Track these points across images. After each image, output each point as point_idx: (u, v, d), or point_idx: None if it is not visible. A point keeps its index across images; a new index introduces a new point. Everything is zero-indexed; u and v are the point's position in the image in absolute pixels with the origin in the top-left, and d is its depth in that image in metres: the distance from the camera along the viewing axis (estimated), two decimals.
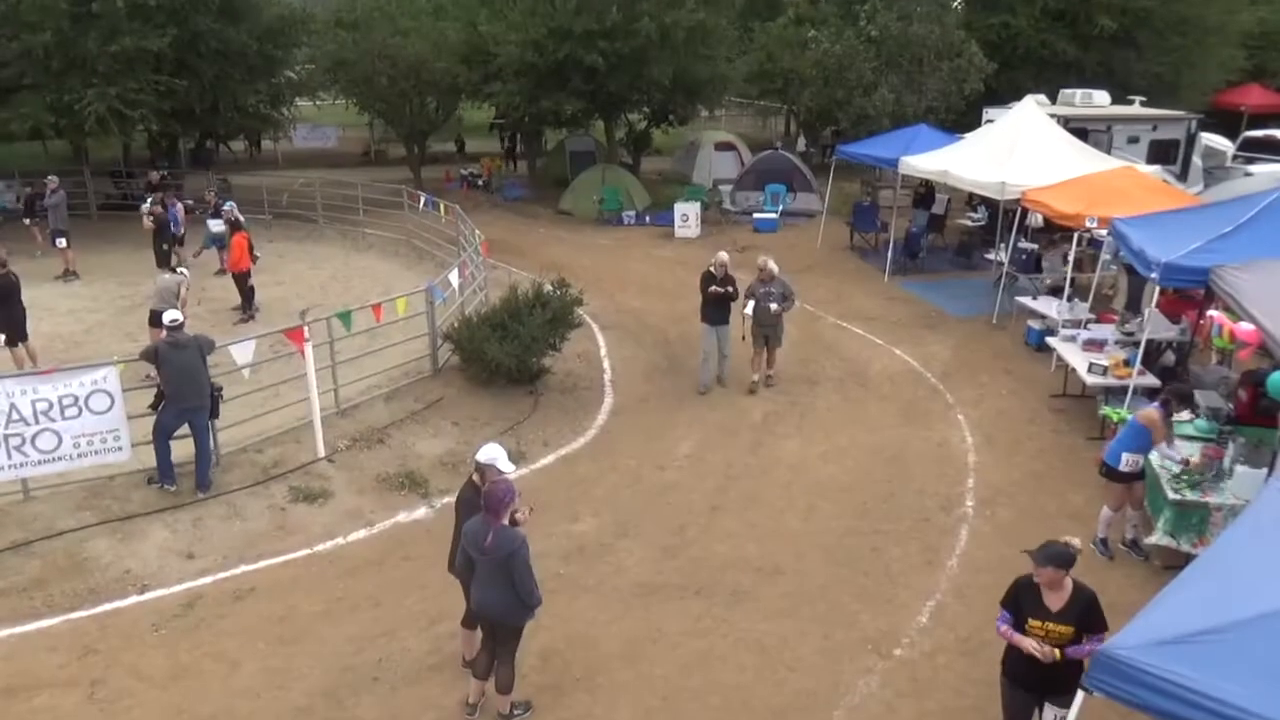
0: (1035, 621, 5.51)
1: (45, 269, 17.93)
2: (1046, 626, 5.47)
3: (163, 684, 7.21)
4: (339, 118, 35.41)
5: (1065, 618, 5.45)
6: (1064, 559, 5.43)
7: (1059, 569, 5.43)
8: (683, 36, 22.95)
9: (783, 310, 12.60)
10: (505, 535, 6.04)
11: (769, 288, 12.52)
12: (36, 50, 19.09)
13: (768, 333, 12.74)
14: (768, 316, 12.52)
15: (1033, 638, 5.48)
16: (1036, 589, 5.54)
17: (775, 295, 12.52)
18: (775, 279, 12.60)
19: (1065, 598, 5.49)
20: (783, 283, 12.67)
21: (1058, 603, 5.49)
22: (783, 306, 12.56)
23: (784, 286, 12.65)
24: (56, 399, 8.99)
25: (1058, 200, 13.69)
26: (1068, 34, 27.78)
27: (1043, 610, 5.51)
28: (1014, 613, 5.64)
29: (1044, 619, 5.49)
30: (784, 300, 12.57)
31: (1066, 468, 10.55)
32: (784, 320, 12.92)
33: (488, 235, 16.90)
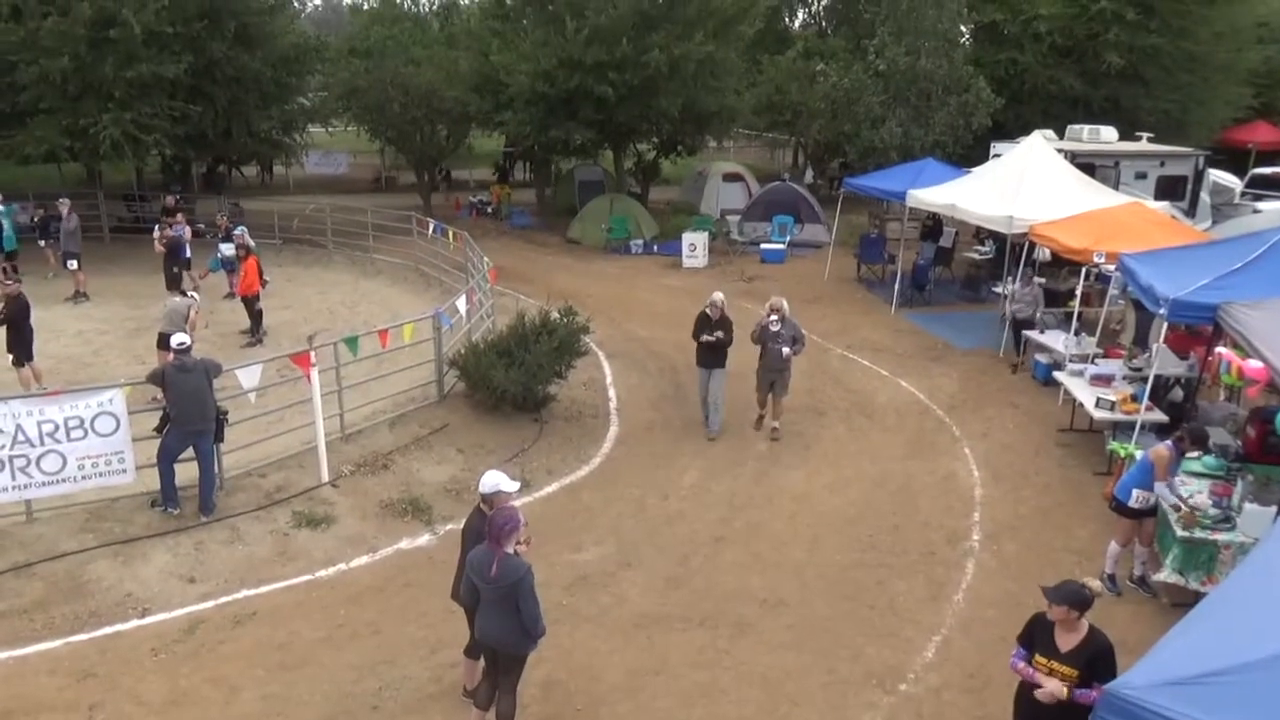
0: (1041, 659, 5.46)
1: (57, 290, 18.04)
2: (1051, 665, 5.40)
3: (161, 709, 7.15)
4: (350, 144, 35.74)
5: (1073, 660, 5.37)
6: (1078, 599, 5.38)
7: (1072, 609, 5.37)
8: (692, 69, 23.15)
9: (794, 354, 12.05)
10: (510, 564, 6.01)
11: (780, 329, 11.92)
12: (54, 75, 19.31)
13: (774, 378, 12.09)
14: (778, 360, 11.94)
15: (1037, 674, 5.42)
16: (1051, 627, 5.48)
17: (785, 338, 11.92)
18: (786, 320, 11.99)
19: (1078, 640, 5.42)
20: (794, 324, 12.12)
21: (1068, 644, 5.42)
22: (794, 350, 11.99)
23: (794, 328, 12.08)
24: (62, 421, 9.00)
25: (1066, 235, 13.71)
26: (1075, 70, 27.97)
27: (1052, 649, 5.44)
28: (1028, 648, 5.57)
29: (1050, 657, 5.42)
30: (794, 343, 11.97)
31: (1073, 502, 10.48)
32: (792, 365, 12.27)
33: (496, 262, 16.97)
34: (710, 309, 12.08)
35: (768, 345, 11.95)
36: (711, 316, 12.02)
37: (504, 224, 27.73)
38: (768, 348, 11.96)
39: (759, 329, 12.03)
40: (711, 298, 12.18)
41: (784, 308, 11.97)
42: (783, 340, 11.86)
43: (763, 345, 12.00)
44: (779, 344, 11.86)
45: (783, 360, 11.92)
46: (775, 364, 11.97)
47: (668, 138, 27.54)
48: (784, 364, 11.99)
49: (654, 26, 22.52)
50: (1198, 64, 28.25)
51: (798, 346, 12.06)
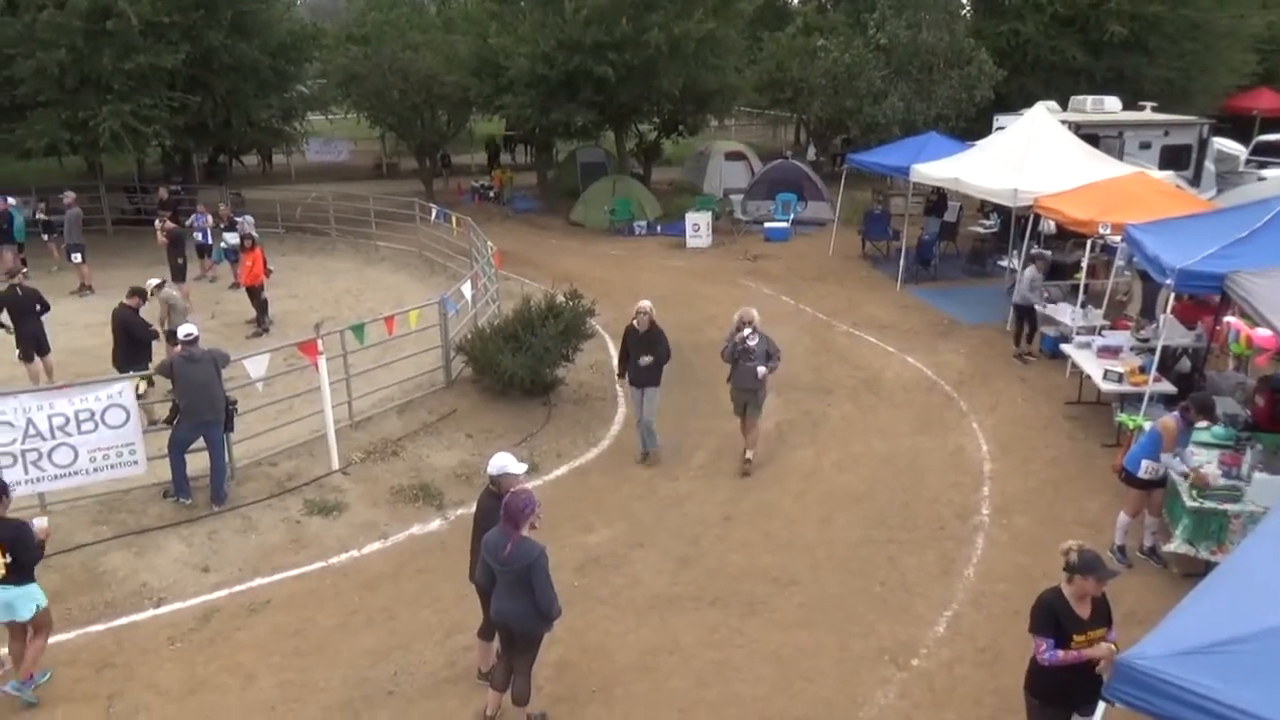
0: (1079, 636, 5.38)
1: (62, 284, 18.06)
2: (1089, 635, 5.40)
3: (179, 698, 7.22)
4: (351, 131, 35.65)
5: (1098, 623, 5.42)
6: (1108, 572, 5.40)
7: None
8: (692, 47, 23.03)
9: (769, 372, 10.57)
10: (525, 546, 6.04)
11: (754, 344, 10.43)
12: (52, 68, 19.28)
13: (747, 399, 10.64)
14: (750, 380, 10.43)
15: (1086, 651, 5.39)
16: (1065, 602, 5.44)
17: (759, 355, 10.37)
18: (758, 334, 10.45)
19: (1091, 603, 5.44)
20: (766, 338, 10.51)
21: (1087, 609, 5.43)
22: (769, 366, 10.47)
23: (768, 343, 10.50)
24: (73, 414, 9.04)
25: (1070, 206, 13.64)
26: (1078, 40, 27.73)
27: (1079, 622, 5.41)
28: (1053, 634, 5.40)
29: (1084, 629, 5.40)
30: (769, 360, 10.46)
31: (1083, 475, 10.49)
32: (768, 385, 10.86)
33: (499, 247, 16.95)
34: (637, 319, 10.70)
35: (739, 363, 10.49)
36: (638, 329, 10.68)
37: (506, 208, 27.70)
38: (739, 366, 10.50)
39: (729, 345, 10.57)
40: (638, 305, 10.82)
41: (755, 319, 10.50)
42: (756, 357, 10.37)
43: (734, 363, 10.60)
44: (752, 361, 10.36)
45: (756, 380, 10.48)
46: (748, 384, 10.53)
47: (669, 118, 27.45)
48: (757, 384, 10.55)
49: (653, 5, 22.39)
50: (1200, 31, 28.01)
51: (773, 363, 10.55)
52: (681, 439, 11.72)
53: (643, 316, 10.62)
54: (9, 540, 6.83)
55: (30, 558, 6.97)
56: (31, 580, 7.02)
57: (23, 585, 6.96)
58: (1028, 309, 13.93)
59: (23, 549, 6.88)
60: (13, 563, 6.84)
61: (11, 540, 6.85)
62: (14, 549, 6.85)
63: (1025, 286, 13.78)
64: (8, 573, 6.84)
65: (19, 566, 6.88)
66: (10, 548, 6.83)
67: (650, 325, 10.64)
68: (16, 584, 6.91)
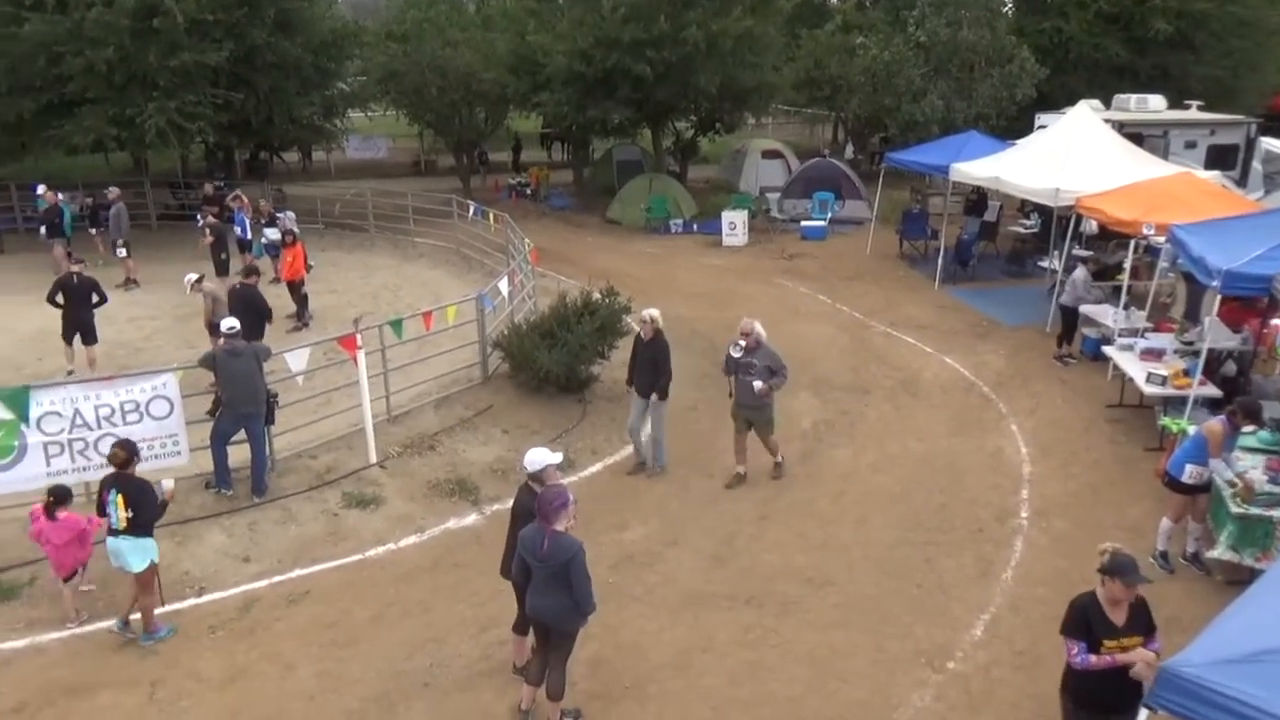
0: (1110, 641, 5.31)
1: (107, 277, 18.35)
2: (1121, 643, 5.31)
3: (220, 685, 7.34)
4: (389, 129, 35.99)
5: (1134, 630, 5.32)
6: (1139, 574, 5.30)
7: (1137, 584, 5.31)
8: (730, 45, 22.95)
9: (770, 388, 9.98)
10: (562, 542, 6.07)
11: (751, 358, 9.93)
12: (99, 65, 19.60)
13: (750, 415, 10.18)
14: (749, 395, 9.98)
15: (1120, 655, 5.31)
16: (1099, 606, 5.37)
17: (759, 370, 9.87)
18: (761, 347, 9.97)
19: (1127, 610, 5.36)
20: (770, 353, 9.99)
21: (1121, 616, 5.35)
22: (769, 384, 9.92)
23: (772, 358, 9.97)
24: (118, 404, 9.23)
25: (1113, 206, 13.46)
26: (1122, 38, 27.33)
27: (1112, 628, 5.32)
28: (1085, 637, 5.34)
29: (1117, 635, 5.31)
30: (771, 376, 9.92)
31: (1124, 479, 10.34)
32: (775, 401, 10.32)
33: (536, 244, 17.01)
34: (642, 327, 10.41)
35: (739, 377, 10.09)
36: (643, 337, 10.41)
37: (543, 205, 27.79)
38: (739, 380, 10.09)
39: (726, 358, 10.26)
40: (644, 313, 10.47)
41: (755, 331, 9.98)
42: (755, 372, 9.90)
43: (734, 377, 10.23)
44: (750, 376, 9.90)
45: (754, 396, 9.97)
46: (747, 399, 10.06)
47: (706, 115, 27.38)
48: (758, 400, 10.03)
49: (691, 3, 22.33)
50: (1249, 28, 27.49)
51: (776, 380, 9.98)
52: (716, 437, 11.69)
53: (646, 325, 10.34)
54: (133, 495, 7.57)
55: (150, 515, 7.67)
56: (149, 535, 7.68)
57: (140, 539, 7.62)
58: (1072, 310, 13.75)
59: (144, 506, 7.61)
60: (133, 517, 7.53)
61: (136, 496, 7.58)
62: (136, 505, 7.56)
63: (1081, 289, 13.58)
64: (128, 526, 7.53)
65: (139, 522, 7.57)
66: (134, 502, 7.55)
67: (655, 334, 10.32)
68: (135, 537, 7.59)
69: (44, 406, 8.96)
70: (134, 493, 7.58)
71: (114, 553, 7.65)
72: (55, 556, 7.98)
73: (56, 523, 7.89)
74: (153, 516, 7.71)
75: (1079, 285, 13.59)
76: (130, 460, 7.71)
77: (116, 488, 7.59)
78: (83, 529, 7.99)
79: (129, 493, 7.57)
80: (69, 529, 7.92)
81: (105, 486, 7.69)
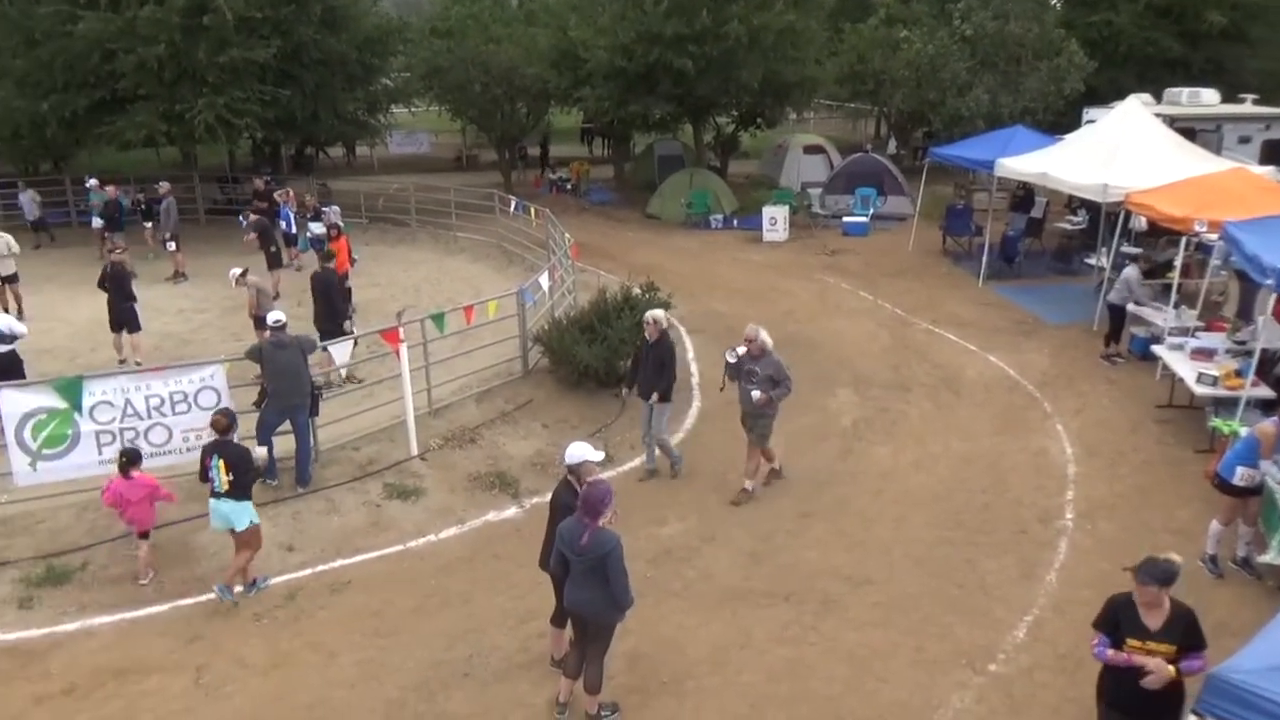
0: (1135, 641, 5.29)
1: (158, 271, 18.77)
2: (1148, 646, 5.26)
3: (264, 671, 7.46)
4: (432, 124, 36.27)
5: (1166, 637, 5.24)
6: (1169, 576, 5.22)
7: (1164, 587, 5.23)
8: (772, 39, 22.85)
9: (769, 399, 9.55)
10: (601, 536, 6.09)
11: (754, 365, 9.62)
12: (151, 62, 20.00)
13: (749, 423, 9.94)
14: (747, 403, 9.74)
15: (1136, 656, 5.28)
16: (1134, 607, 5.33)
17: (760, 379, 9.54)
18: (766, 355, 9.62)
19: (1164, 616, 5.28)
20: (775, 363, 9.61)
21: (1156, 621, 5.28)
22: (769, 394, 9.51)
23: (775, 368, 9.58)
24: (168, 395, 9.41)
25: (1164, 203, 13.20)
26: (1174, 31, 26.84)
27: (1141, 630, 5.29)
28: (1111, 633, 5.40)
29: (1144, 638, 5.27)
30: (772, 386, 9.53)
31: (1172, 481, 10.15)
32: (779, 410, 9.89)
33: (576, 239, 17.07)
34: (647, 328, 10.21)
35: (740, 383, 9.88)
36: (649, 339, 10.20)
37: (583, 200, 27.86)
38: (740, 386, 9.87)
39: (731, 362, 9.95)
40: (649, 314, 10.31)
41: (760, 338, 9.64)
42: (757, 380, 9.58)
43: (737, 383, 9.98)
44: (751, 384, 9.60)
45: (752, 404, 9.66)
46: (747, 406, 9.79)
47: (747, 110, 27.27)
48: (755, 408, 9.69)
49: None
50: None
51: (779, 391, 9.60)
52: None
53: (651, 326, 10.12)
54: (234, 460, 8.10)
55: (248, 479, 8.23)
56: (248, 498, 8.22)
57: (241, 501, 8.14)
58: (1120, 309, 13.52)
59: (243, 470, 8.14)
60: (234, 480, 8.06)
61: (236, 461, 8.12)
62: (237, 469, 8.09)
63: (1135, 289, 13.33)
64: (230, 488, 8.04)
65: (239, 485, 8.10)
66: (234, 467, 8.08)
67: (660, 336, 10.12)
68: (236, 499, 8.10)
69: (96, 396, 9.16)
70: (234, 458, 8.12)
71: (219, 515, 8.16)
72: (131, 514, 8.46)
73: (131, 481, 8.37)
74: (251, 480, 8.27)
75: (1132, 285, 13.35)
76: (230, 427, 8.30)
77: (218, 454, 8.11)
78: (155, 486, 8.50)
79: (230, 458, 8.09)
80: (143, 487, 8.41)
81: (207, 453, 8.21)
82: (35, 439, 9.03)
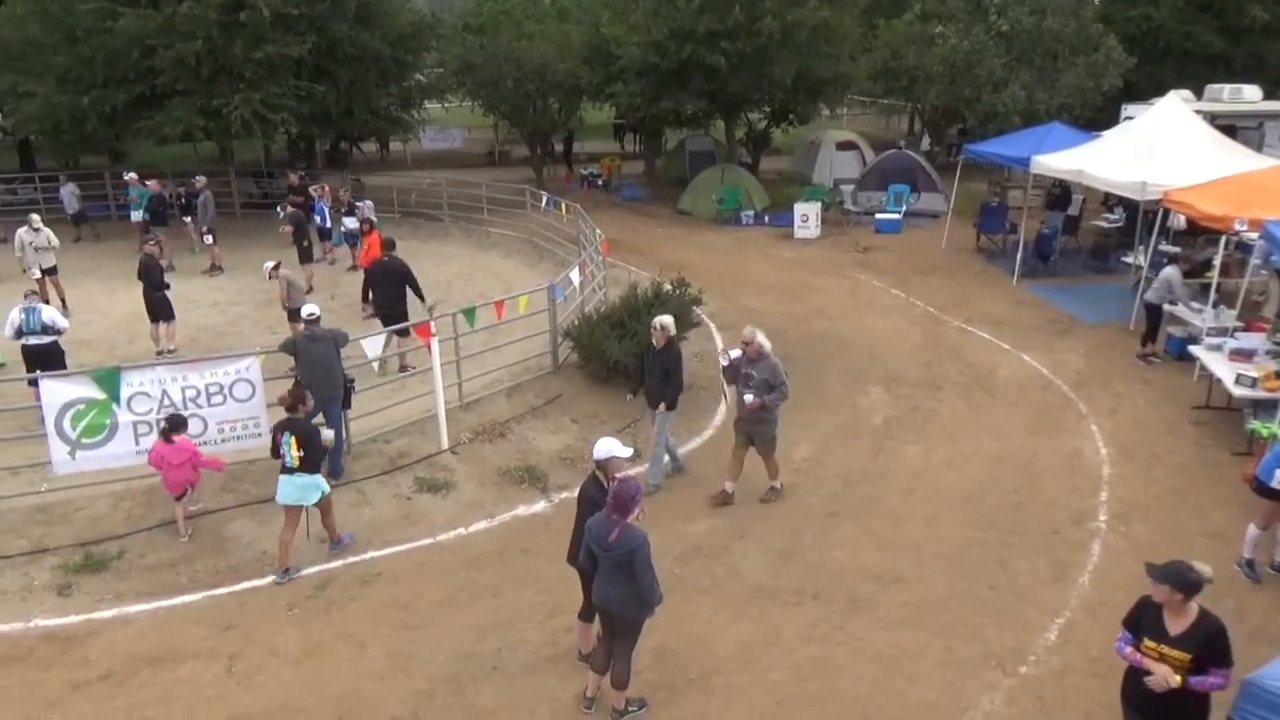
0: (1150, 643, 5.26)
1: (198, 264, 19.04)
2: (1161, 649, 5.21)
3: (295, 661, 7.55)
4: (465, 119, 36.44)
5: (1183, 644, 5.16)
6: (1181, 580, 5.15)
7: (1175, 590, 5.16)
8: (805, 35, 22.72)
9: (765, 404, 9.32)
10: (630, 532, 6.10)
11: (751, 369, 9.38)
12: (189, 58, 20.26)
13: (749, 430, 9.63)
14: (742, 408, 9.53)
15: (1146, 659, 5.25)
16: (1159, 609, 5.28)
17: (756, 382, 9.30)
18: (763, 359, 9.35)
19: (1188, 624, 5.20)
20: (771, 366, 9.33)
21: (1178, 627, 5.21)
22: (764, 399, 9.29)
23: (771, 371, 9.30)
24: (204, 386, 9.55)
25: (1203, 201, 13.00)
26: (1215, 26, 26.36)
27: (1161, 632, 5.24)
28: (1134, 632, 5.40)
29: (1160, 641, 5.23)
30: (768, 390, 9.28)
31: (1209, 484, 10.00)
32: (778, 415, 9.61)
33: (607, 234, 17.09)
34: (654, 334, 9.90)
35: (736, 387, 9.63)
36: (655, 345, 9.91)
37: (614, 196, 27.88)
38: (738, 390, 9.62)
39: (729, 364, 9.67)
40: (655, 320, 10.00)
41: (757, 340, 9.37)
42: (753, 384, 9.32)
43: (734, 386, 9.74)
44: (748, 388, 9.36)
45: (747, 409, 9.44)
46: (742, 411, 9.55)
47: (780, 106, 27.15)
48: (750, 413, 9.46)
49: None
50: None
51: (774, 395, 9.34)
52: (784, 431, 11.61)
53: (658, 333, 9.83)
54: (305, 436, 8.47)
55: (318, 455, 8.62)
56: (318, 471, 8.63)
57: (311, 475, 8.54)
58: (1156, 308, 13.32)
59: (314, 446, 8.52)
60: (305, 455, 8.42)
61: (306, 436, 8.48)
62: (307, 444, 8.46)
63: (1178, 290, 13.13)
64: (301, 463, 8.42)
65: (309, 460, 8.47)
66: (305, 443, 8.44)
67: (667, 342, 9.86)
68: (307, 473, 8.50)
69: (134, 387, 9.32)
70: (305, 434, 8.48)
71: (291, 488, 8.51)
72: (169, 476, 8.96)
73: (173, 445, 8.91)
74: (320, 456, 8.67)
75: (1173, 285, 13.16)
76: (299, 404, 8.65)
77: (289, 430, 8.47)
78: (194, 451, 9.02)
79: (301, 434, 8.45)
80: (183, 451, 8.94)
81: (279, 430, 8.59)
82: (74, 428, 9.21)
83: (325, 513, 8.90)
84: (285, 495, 8.55)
